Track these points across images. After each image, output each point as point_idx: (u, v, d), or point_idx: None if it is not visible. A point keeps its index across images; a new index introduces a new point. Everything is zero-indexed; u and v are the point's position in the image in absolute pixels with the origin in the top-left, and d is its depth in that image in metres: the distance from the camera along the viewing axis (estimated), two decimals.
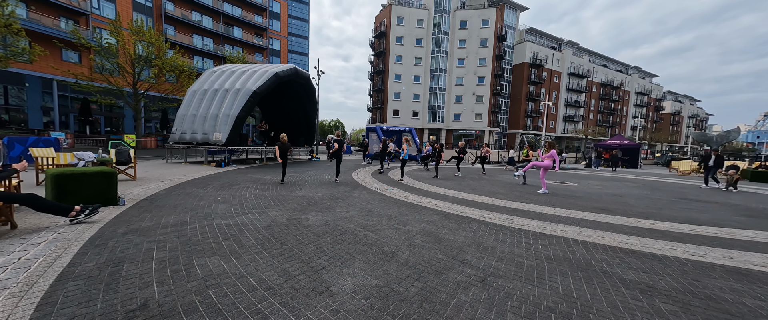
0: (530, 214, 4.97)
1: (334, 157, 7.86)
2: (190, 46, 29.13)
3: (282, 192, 6.26)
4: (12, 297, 1.95)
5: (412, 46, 42.10)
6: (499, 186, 8.42)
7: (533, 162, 7.51)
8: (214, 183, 7.10)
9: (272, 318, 1.83)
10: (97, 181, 4.38)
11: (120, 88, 18.94)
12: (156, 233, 3.31)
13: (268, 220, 4.03)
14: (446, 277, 2.46)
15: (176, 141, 12.13)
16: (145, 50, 19.39)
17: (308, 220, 4.11)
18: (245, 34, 35.04)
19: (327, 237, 3.38)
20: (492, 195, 6.81)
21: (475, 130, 42.49)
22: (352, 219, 4.23)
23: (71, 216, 3.48)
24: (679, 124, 75.87)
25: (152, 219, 3.87)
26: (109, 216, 3.90)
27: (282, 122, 16.99)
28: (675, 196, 7.76)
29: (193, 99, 12.43)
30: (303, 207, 4.93)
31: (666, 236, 3.91)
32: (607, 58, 60.68)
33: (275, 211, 4.55)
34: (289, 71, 13.31)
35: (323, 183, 7.68)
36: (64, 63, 20.86)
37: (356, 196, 6.11)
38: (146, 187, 6.20)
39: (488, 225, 4.21)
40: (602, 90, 56.54)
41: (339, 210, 4.77)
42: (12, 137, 7.77)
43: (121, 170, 7.09)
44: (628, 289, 2.33)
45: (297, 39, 53.76)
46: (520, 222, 4.42)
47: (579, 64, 51.69)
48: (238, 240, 3.18)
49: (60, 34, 19.61)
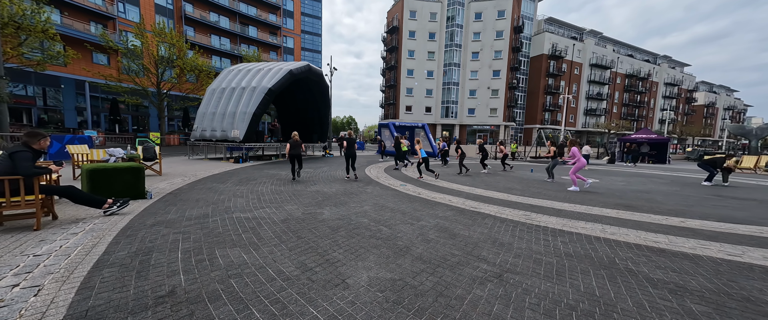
0: (549, 211, 4.82)
1: (347, 154, 7.90)
2: (208, 46, 30.10)
3: (297, 187, 6.40)
4: (56, 281, 2.11)
5: (424, 41, 41.45)
6: (515, 182, 8.21)
7: (572, 170, 7.16)
8: (232, 178, 7.35)
9: (291, 307, 1.89)
10: (127, 176, 4.65)
11: (145, 88, 19.93)
12: (181, 225, 3.48)
13: (285, 214, 4.13)
14: (461, 272, 2.44)
15: (197, 138, 12.65)
16: (167, 51, 20.25)
17: (323, 215, 4.18)
18: (260, 33, 35.77)
19: (342, 231, 3.43)
20: (508, 191, 6.65)
21: (490, 126, 41.48)
22: (365, 214, 4.26)
23: (104, 208, 3.71)
24: (714, 116, 70.67)
25: (177, 212, 4.06)
26: (138, 209, 4.13)
27: (296, 119, 17.30)
28: (707, 193, 7.27)
29: (212, 97, 12.88)
30: (318, 202, 5.02)
31: (698, 234, 3.68)
32: (633, 48, 57.25)
33: (291, 206, 4.66)
34: (303, 68, 13.48)
35: (337, 180, 7.78)
36: (95, 65, 22.17)
37: (370, 192, 6.15)
38: (171, 182, 6.52)
39: (504, 221, 4.12)
40: (627, 81, 53.50)
41: (353, 205, 4.82)
42: (51, 135, 8.37)
43: (148, 166, 7.48)
44: (655, 289, 2.22)
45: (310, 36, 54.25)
46: (538, 218, 4.30)
47: (602, 54, 49.07)
48: (257, 233, 3.29)
49: (90, 38, 20.82)
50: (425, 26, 41.16)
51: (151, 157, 7.48)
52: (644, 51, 58.99)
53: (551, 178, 8.73)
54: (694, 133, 51.61)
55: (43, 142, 3.30)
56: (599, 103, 50.46)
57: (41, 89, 20.79)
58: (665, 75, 58.73)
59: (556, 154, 8.93)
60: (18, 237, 2.95)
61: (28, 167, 3.08)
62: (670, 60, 62.53)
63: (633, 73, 53.20)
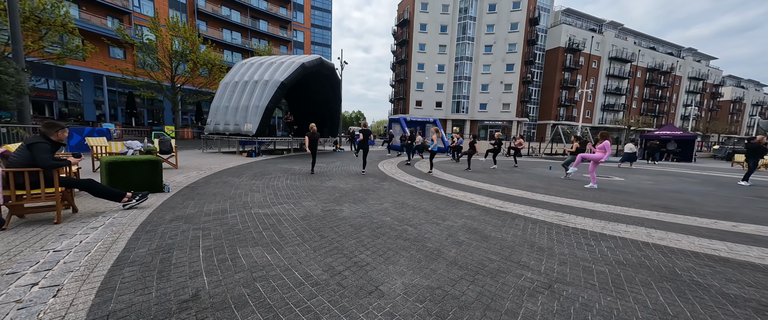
0: (581, 211, 4.51)
1: (360, 148, 7.73)
2: (220, 40, 30.26)
3: (312, 182, 6.26)
4: (75, 280, 2.00)
5: (436, 34, 40.55)
6: (535, 180, 7.86)
7: (583, 155, 6.84)
8: (247, 172, 7.28)
9: (324, 318, 1.71)
10: (145, 169, 4.58)
11: (160, 82, 20.20)
12: (200, 220, 3.37)
13: (304, 211, 3.98)
14: (505, 281, 2.21)
15: (210, 132, 12.71)
16: (180, 45, 20.41)
17: (343, 212, 4.01)
18: (271, 27, 35.72)
19: (365, 231, 3.25)
20: (530, 190, 6.33)
21: (502, 121, 40.52)
22: (387, 212, 4.07)
23: (124, 202, 3.64)
24: (741, 112, 67.00)
25: (195, 206, 3.97)
26: (157, 203, 4.06)
27: (306, 113, 17.21)
28: (749, 194, 6.75)
29: (225, 91, 12.87)
30: (335, 198, 4.85)
31: (759, 242, 3.32)
32: (655, 40, 54.56)
33: (309, 202, 4.51)
34: (315, 62, 13.29)
35: (351, 175, 7.61)
36: (112, 59, 22.61)
37: (387, 188, 5.95)
38: (187, 175, 6.49)
39: (536, 222, 3.85)
40: (649, 75, 51.13)
41: (372, 202, 4.63)
42: (71, 127, 8.50)
43: (164, 159, 7.48)
44: (736, 307, 1.94)
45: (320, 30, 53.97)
46: (572, 220, 4.00)
47: (622, 47, 46.92)
48: (278, 231, 3.14)
49: (107, 33, 21.17)
50: (437, 19, 40.22)
51: (167, 149, 7.49)
52: (667, 43, 56.17)
53: (567, 174, 8.34)
54: (719, 130, 49.02)
55: (61, 133, 3.22)
56: (618, 98, 48.52)
57: (62, 83, 21.36)
58: (689, 69, 55.84)
59: (577, 150, 8.49)
60: (39, 230, 2.89)
61: (47, 159, 3.00)
62: (696, 52, 59.34)
63: (655, 66, 50.77)
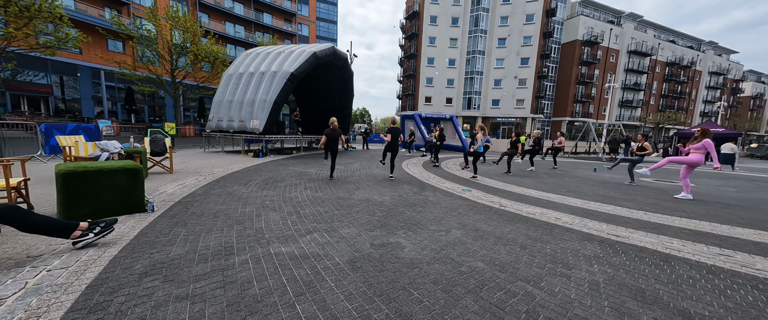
0: (743, 245, 3.16)
1: (388, 150, 6.40)
2: (223, 33, 28.97)
3: (338, 192, 4.97)
4: None
5: (447, 27, 38.83)
6: (599, 187, 6.49)
7: (675, 159, 5.46)
8: (256, 178, 6.02)
9: None
10: (120, 181, 3.32)
11: (159, 76, 19.00)
12: (190, 274, 2.09)
13: (346, 247, 2.69)
14: None
15: (213, 129, 11.48)
16: (181, 37, 19.16)
17: (403, 248, 2.71)
18: (275, 20, 34.36)
19: (457, 290, 1.94)
20: (611, 202, 4.98)
21: (516, 118, 38.84)
22: (467, 248, 2.76)
23: (75, 238, 2.38)
24: (761, 108, 64.28)
25: (187, 240, 2.69)
26: (131, 232, 2.79)
27: (315, 108, 15.91)
28: None
29: (229, 84, 11.60)
30: (379, 220, 3.56)
31: None
32: (675, 33, 52.15)
33: (348, 228, 3.21)
34: (328, 51, 11.95)
35: (379, 180, 6.32)
36: (111, 53, 21.44)
37: (434, 201, 4.64)
38: (182, 183, 5.24)
39: (710, 270, 2.51)
40: (668, 70, 48.87)
41: (432, 228, 3.33)
42: (50, 124, 7.29)
43: (157, 162, 6.26)
44: None
45: (325, 24, 52.38)
46: (741, 259, 2.66)
47: (642, 39, 44.70)
48: (320, 299, 1.84)
49: (104, 24, 19.98)
50: (448, 10, 38.48)
51: (160, 150, 6.25)
52: (687, 36, 53.69)
53: (631, 180, 7.01)
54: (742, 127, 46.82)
55: None
56: (636, 93, 46.42)
57: (59, 77, 20.28)
58: (710, 63, 53.37)
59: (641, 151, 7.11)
60: None
61: None
62: (716, 46, 56.78)
63: (675, 60, 48.47)
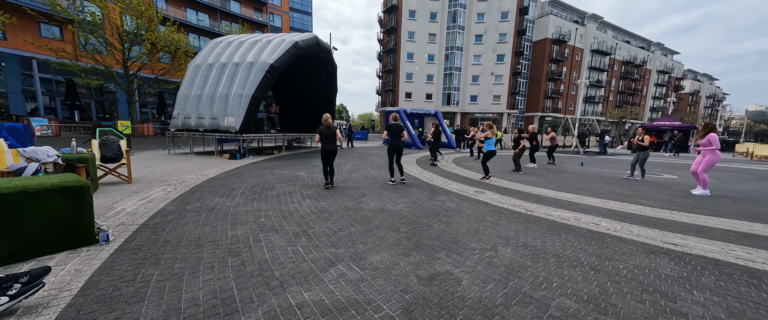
0: None
1: (393, 150, 5.69)
2: (183, 21, 26.03)
3: (344, 202, 4.27)
4: None
5: (426, 21, 38.60)
6: (601, 183, 6.43)
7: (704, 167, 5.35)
8: (239, 186, 5.09)
9: None
10: (55, 204, 2.36)
11: (108, 67, 16.44)
12: None
13: (390, 287, 2.04)
14: None
15: (179, 127, 10.01)
16: (134, 22, 16.70)
17: (460, 282, 2.13)
18: (244, 8, 31.72)
19: None
20: (628, 199, 4.82)
21: (493, 113, 39.94)
22: (533, 276, 2.25)
23: None
24: (697, 104, 72.69)
25: (163, 292, 1.87)
26: (72, 288, 1.91)
27: (296, 103, 14.78)
28: None
29: (196, 76, 10.17)
30: (409, 238, 2.94)
31: None
32: (629, 34, 56.84)
33: (378, 254, 2.56)
34: (311, 41, 10.93)
35: (381, 184, 5.69)
36: (44, 39, 18.21)
37: (454, 208, 4.13)
38: (146, 197, 4.20)
39: None
40: (624, 68, 53.18)
41: (475, 246, 2.80)
42: None
43: (110, 170, 5.06)
44: None
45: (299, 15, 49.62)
46: None
47: (602, 39, 48.04)
48: None
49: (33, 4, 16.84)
50: (427, 5, 38.23)
51: (113, 156, 5.05)
52: (640, 37, 58.81)
53: (642, 176, 7.06)
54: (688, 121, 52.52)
55: None
56: (597, 90, 49.97)
57: None
58: (658, 62, 59.03)
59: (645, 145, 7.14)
60: None
61: None
62: (662, 47, 62.87)
63: (630, 59, 52.84)
